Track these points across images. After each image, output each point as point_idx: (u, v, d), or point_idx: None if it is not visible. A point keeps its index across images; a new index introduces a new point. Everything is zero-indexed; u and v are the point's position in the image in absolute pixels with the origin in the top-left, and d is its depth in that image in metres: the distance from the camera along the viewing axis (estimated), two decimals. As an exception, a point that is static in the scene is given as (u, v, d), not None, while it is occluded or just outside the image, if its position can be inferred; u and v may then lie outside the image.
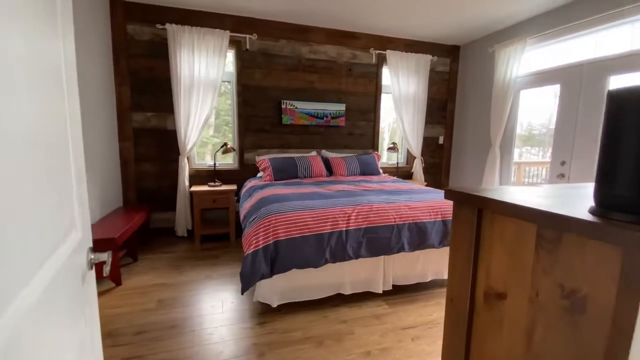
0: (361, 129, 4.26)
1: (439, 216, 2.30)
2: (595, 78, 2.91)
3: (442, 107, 4.64)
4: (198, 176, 3.64)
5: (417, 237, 2.22)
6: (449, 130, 4.71)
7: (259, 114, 3.78)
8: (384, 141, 4.74)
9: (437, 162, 4.75)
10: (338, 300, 2.22)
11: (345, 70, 4.06)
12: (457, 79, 4.61)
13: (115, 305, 2.17)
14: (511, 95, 3.63)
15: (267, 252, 1.87)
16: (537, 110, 3.84)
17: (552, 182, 3.33)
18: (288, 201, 2.25)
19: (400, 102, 4.22)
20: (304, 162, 3.52)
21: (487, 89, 4.01)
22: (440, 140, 4.71)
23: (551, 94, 4.09)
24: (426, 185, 4.40)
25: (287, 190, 2.66)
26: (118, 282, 2.46)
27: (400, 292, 2.37)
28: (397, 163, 4.43)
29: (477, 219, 0.79)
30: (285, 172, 3.38)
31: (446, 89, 4.61)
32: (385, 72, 4.27)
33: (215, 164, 3.57)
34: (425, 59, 4.27)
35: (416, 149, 4.40)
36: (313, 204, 2.19)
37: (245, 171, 3.79)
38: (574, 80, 3.09)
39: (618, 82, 2.82)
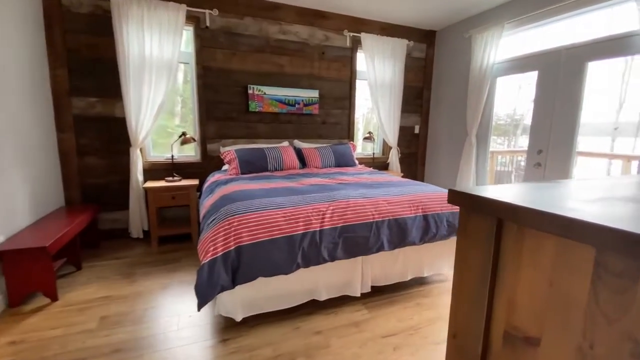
0: (336, 117, 4.01)
1: (420, 210, 2.13)
2: (573, 64, 2.84)
3: (417, 95, 4.49)
4: (154, 170, 3.25)
5: (398, 234, 2.03)
6: (424, 119, 4.59)
7: (223, 99, 3.42)
8: (359, 131, 4.53)
9: (412, 152, 4.62)
10: (312, 307, 2.00)
11: (318, 54, 3.77)
12: (433, 66, 4.46)
13: (48, 326, 1.82)
14: (488, 83, 3.53)
15: (227, 260, 1.60)
16: (501, 100, 3.79)
17: (529, 171, 3.28)
18: (254, 198, 1.98)
19: (376, 89, 4.01)
20: (274, 154, 3.23)
21: (464, 76, 3.89)
22: (416, 130, 4.58)
23: (515, 84, 4.06)
24: (403, 177, 4.27)
25: (254, 185, 2.38)
26: (53, 298, 2.08)
27: (379, 294, 2.19)
28: (373, 154, 4.25)
29: (497, 233, 0.57)
30: (253, 165, 3.08)
31: (422, 76, 4.46)
32: (361, 57, 4.02)
33: (173, 156, 3.19)
34: (402, 44, 4.07)
35: (392, 138, 4.23)
36: (283, 201, 1.93)
37: (208, 164, 3.44)
38: (552, 66, 3.01)
39: (596, 68, 2.76)
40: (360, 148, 4.37)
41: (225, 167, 3.29)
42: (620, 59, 2.56)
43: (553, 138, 3.04)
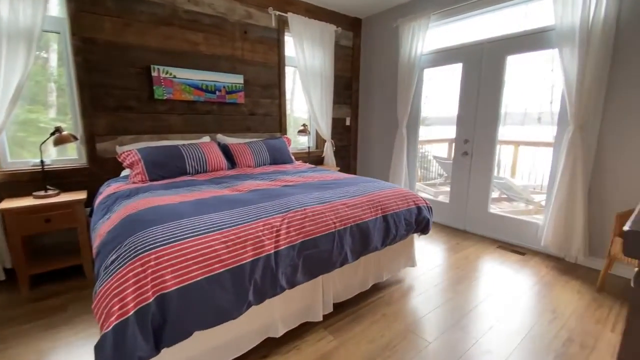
0: (265, 107, 3.54)
1: (379, 211, 1.90)
2: (494, 57, 3.00)
3: (347, 85, 4.33)
4: (15, 183, 2.29)
5: (361, 242, 1.76)
6: (354, 111, 4.47)
7: (117, 84, 2.61)
8: (291, 123, 4.14)
9: (345, 145, 4.48)
10: (268, 346, 1.59)
11: (240, 32, 3.22)
12: (360, 55, 4.35)
13: None
14: (416, 74, 3.54)
15: (144, 318, 1.07)
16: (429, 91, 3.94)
17: (457, 160, 3.42)
18: (176, 219, 1.43)
19: (307, 77, 3.68)
20: (193, 152, 2.61)
21: (393, 66, 3.86)
22: (347, 122, 4.44)
23: (429, 78, 4.27)
24: (339, 171, 4.08)
25: (173, 198, 1.79)
26: None
27: (341, 311, 1.90)
28: (309, 147, 3.93)
29: None
30: (166, 168, 2.42)
31: (350, 65, 4.30)
32: (289, 41, 3.62)
33: (43, 161, 2.28)
34: (330, 30, 3.81)
35: (326, 131, 3.99)
36: (220, 219, 1.45)
37: (100, 169, 2.61)
38: (475, 59, 3.14)
39: (514, 61, 2.96)
40: (293, 143, 4.00)
41: (125, 172, 2.53)
42: (535, 53, 2.77)
43: (478, 128, 3.20)
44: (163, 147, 2.53)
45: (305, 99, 3.76)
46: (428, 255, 2.74)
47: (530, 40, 2.74)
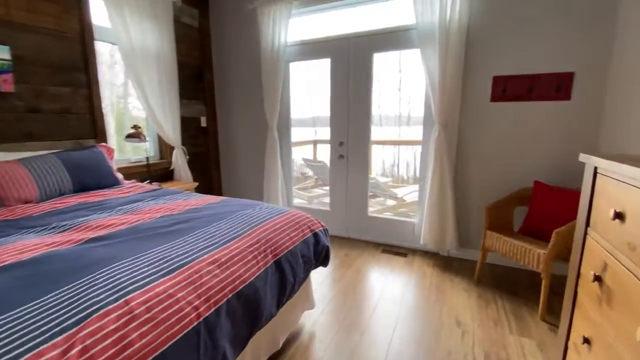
0: (59, 100, 2.27)
1: (269, 257, 1.27)
2: (361, 54, 2.83)
3: (198, 76, 3.43)
4: None
5: (246, 320, 1.08)
6: (211, 108, 3.62)
7: None
8: (109, 125, 2.89)
9: (202, 151, 3.57)
10: None
11: (-10, -30, 1.88)
12: (212, 40, 3.52)
13: None
14: (282, 67, 3.06)
15: None
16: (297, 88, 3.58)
17: (334, 163, 3.15)
18: None
19: (134, 58, 2.60)
20: None
21: (254, 57, 3.25)
22: (203, 122, 3.54)
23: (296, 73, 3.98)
24: (197, 189, 3.17)
25: None
26: None
27: None
28: (147, 159, 2.83)
29: None
30: None
31: (199, 51, 3.42)
32: (99, 3, 2.44)
33: None
34: (165, 0, 2.84)
35: (173, 134, 3.00)
36: None
37: None
38: (342, 54, 2.91)
39: (380, 59, 2.88)
40: (118, 153, 2.81)
41: None
42: (400, 52, 2.74)
43: (352, 130, 3.01)
44: None
45: (134, 89, 2.67)
46: (321, 281, 2.31)
47: (394, 39, 2.69)
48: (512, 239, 2.02)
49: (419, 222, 2.77)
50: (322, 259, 1.62)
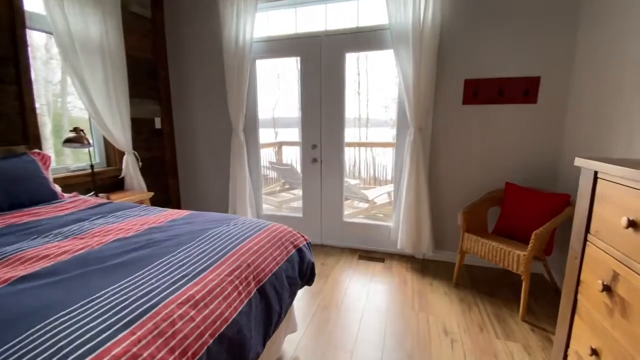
0: (-25, 99, 1.85)
1: (252, 285, 1.09)
2: (333, 53, 2.71)
3: (151, 72, 3.07)
4: None
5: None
6: (167, 109, 3.27)
7: None
8: (45, 127, 2.44)
9: (156, 156, 3.21)
10: None
11: None
12: (166, 33, 3.18)
13: None
14: (248, 64, 2.84)
15: None
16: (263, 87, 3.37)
17: (307, 167, 3.00)
18: None
19: (74, 50, 2.23)
20: None
21: (216, 52, 2.98)
22: (158, 124, 3.19)
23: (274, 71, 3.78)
24: (152, 201, 2.84)
25: None
26: None
27: None
28: (92, 166, 2.44)
29: None
30: None
31: (152, 45, 3.07)
32: (22, -21, 2.04)
33: None
34: (110, -16, 2.48)
35: (122, 138, 2.63)
36: None
37: None
38: (313, 53, 2.77)
39: (352, 59, 2.78)
40: (54, 161, 2.40)
41: None
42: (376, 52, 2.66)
43: (325, 132, 2.88)
44: None
45: (74, 86, 2.29)
46: (299, 297, 2.14)
47: (367, 38, 2.61)
48: (491, 241, 2.03)
49: (395, 226, 2.72)
50: (307, 277, 1.46)
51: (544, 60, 2.21)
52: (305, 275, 1.43)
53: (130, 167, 2.72)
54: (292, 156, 5.37)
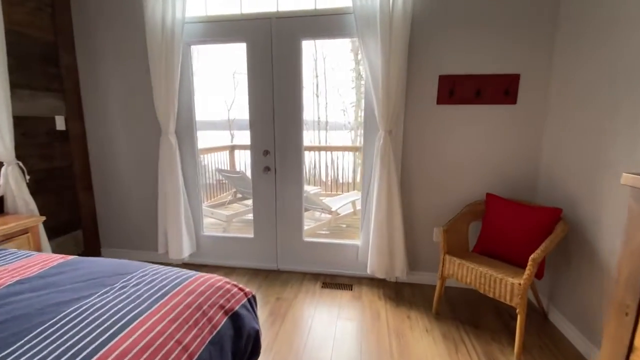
0: None
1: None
2: (287, 40, 2.24)
3: (48, 57, 2.34)
4: None
5: None
6: (74, 104, 2.55)
7: None
8: None
9: (60, 166, 2.47)
10: None
11: None
12: (70, 7, 2.47)
13: None
14: (179, 50, 2.26)
15: None
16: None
17: (259, 176, 2.48)
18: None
19: None
20: None
21: (139, 34, 2.35)
22: (60, 124, 2.46)
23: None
24: (50, 222, 2.13)
25: None
26: None
27: None
28: None
29: None
30: None
31: (51, 21, 2.35)
32: None
33: None
34: None
35: (1, 143, 1.91)
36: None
37: None
38: (263, 39, 2.27)
39: (309, 48, 2.33)
40: None
41: None
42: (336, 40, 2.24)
43: (278, 136, 2.39)
44: None
45: None
46: (247, 351, 1.63)
47: (328, 23, 2.17)
48: (478, 266, 1.71)
49: (364, 246, 2.33)
50: (249, 355, 0.97)
51: (522, 55, 1.96)
52: (244, 352, 0.94)
53: (11, 182, 1.99)
54: (248, 161, 4.81)
